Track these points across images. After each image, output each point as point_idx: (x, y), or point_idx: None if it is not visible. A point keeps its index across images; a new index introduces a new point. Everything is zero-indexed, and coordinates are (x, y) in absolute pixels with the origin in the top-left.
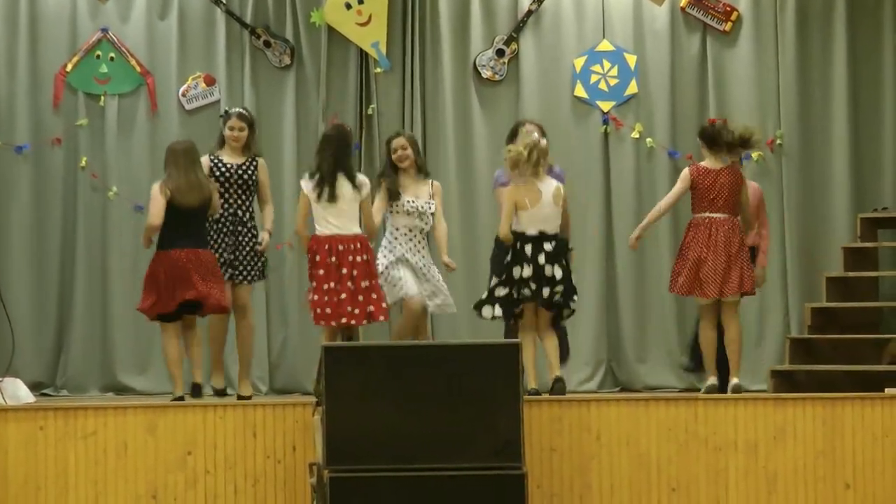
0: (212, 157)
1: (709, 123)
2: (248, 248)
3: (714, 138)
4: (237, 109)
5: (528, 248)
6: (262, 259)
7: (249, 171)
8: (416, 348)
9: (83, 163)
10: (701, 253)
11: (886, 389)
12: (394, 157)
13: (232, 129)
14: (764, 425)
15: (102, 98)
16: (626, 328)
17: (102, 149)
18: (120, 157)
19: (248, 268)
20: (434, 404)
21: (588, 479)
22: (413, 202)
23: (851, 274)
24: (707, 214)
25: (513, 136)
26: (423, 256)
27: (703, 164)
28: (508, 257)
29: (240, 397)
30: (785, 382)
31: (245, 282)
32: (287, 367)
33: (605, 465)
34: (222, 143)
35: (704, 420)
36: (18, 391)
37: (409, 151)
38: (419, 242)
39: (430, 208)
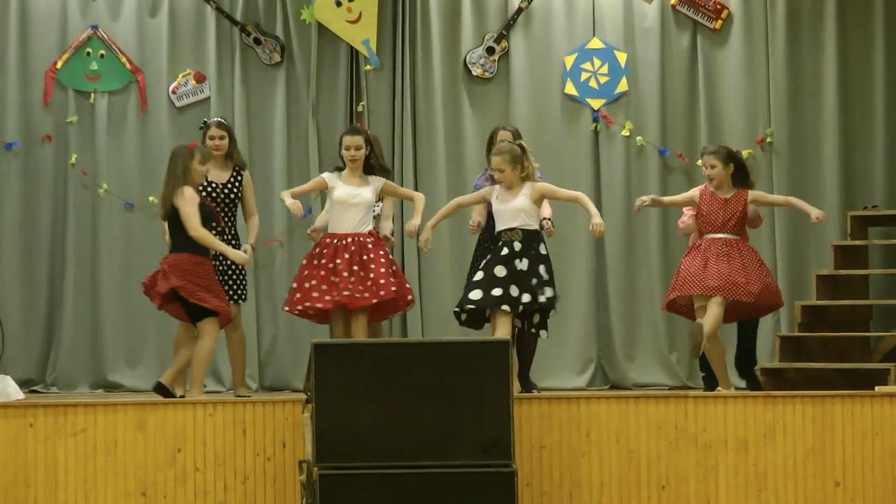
0: None
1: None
2: (235, 268)
3: (741, 167)
4: (216, 119)
5: (500, 242)
6: (244, 279)
7: (236, 189)
8: (406, 346)
9: (73, 160)
10: (695, 260)
11: (876, 387)
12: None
13: (212, 138)
14: (754, 423)
15: (92, 95)
16: (616, 326)
17: (92, 146)
18: (110, 154)
19: (236, 287)
20: (424, 401)
21: (578, 476)
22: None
23: (842, 272)
24: (711, 235)
25: (490, 141)
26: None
27: (713, 189)
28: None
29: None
30: (775, 380)
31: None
32: (277, 365)
33: (595, 463)
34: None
35: (694, 417)
36: (8, 388)
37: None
38: None
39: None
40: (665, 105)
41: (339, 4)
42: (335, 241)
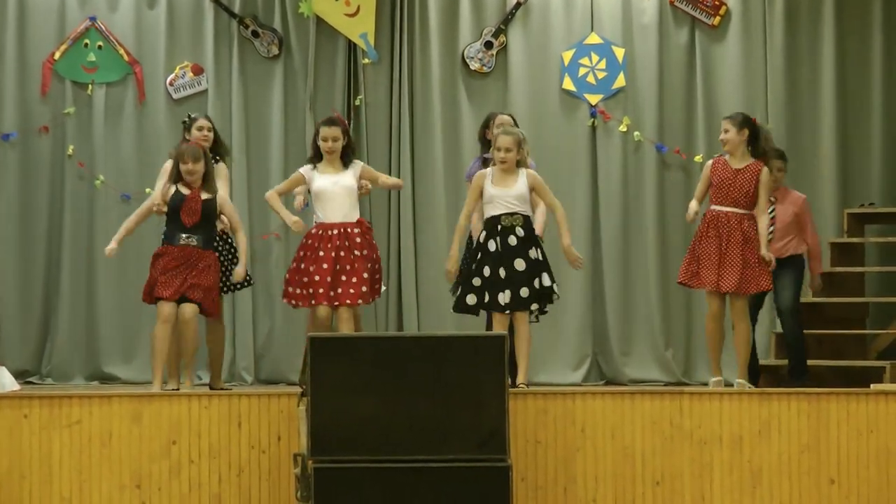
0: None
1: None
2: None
3: (757, 137)
4: (200, 114)
5: (499, 227)
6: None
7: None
8: (402, 340)
9: (70, 151)
10: (707, 246)
11: (872, 385)
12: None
13: (201, 129)
14: (749, 419)
15: (90, 86)
16: (612, 321)
17: (89, 137)
18: (107, 145)
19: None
20: (419, 395)
21: (573, 471)
22: None
23: (838, 269)
24: (719, 208)
25: (485, 126)
26: None
27: (726, 158)
28: (480, 240)
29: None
30: (770, 377)
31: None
32: (272, 358)
33: (590, 458)
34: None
35: (689, 414)
36: (3, 379)
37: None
38: None
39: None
40: (662, 101)
41: None
42: (321, 231)
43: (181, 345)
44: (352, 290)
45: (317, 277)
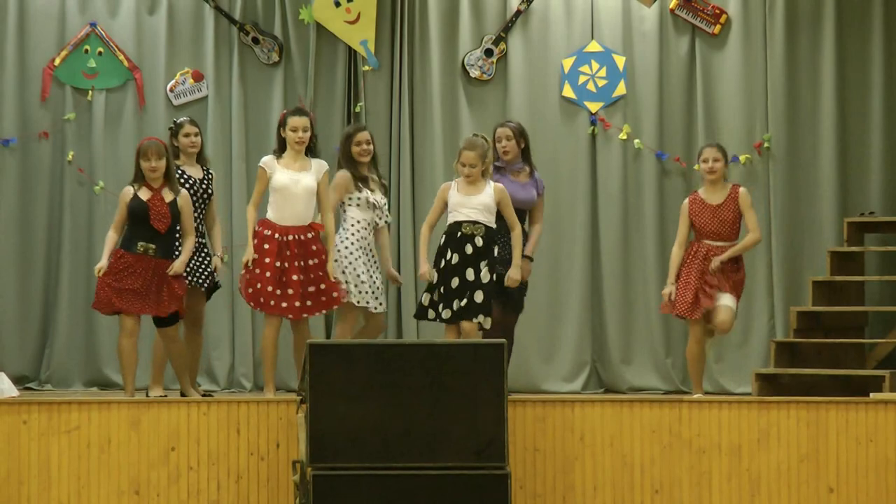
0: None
1: None
2: (200, 254)
3: None
4: (186, 118)
5: (458, 234)
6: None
7: (211, 188)
8: (402, 347)
9: (70, 157)
10: (689, 274)
11: (871, 394)
12: (355, 150)
13: (188, 135)
14: (748, 428)
15: (90, 92)
16: (612, 329)
17: (89, 143)
18: (107, 151)
19: (199, 272)
20: (418, 403)
21: (571, 479)
22: (374, 194)
23: (837, 278)
24: (707, 242)
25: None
26: (374, 254)
27: (702, 195)
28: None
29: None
30: (769, 385)
31: (196, 284)
32: None
33: (589, 466)
34: (176, 152)
35: (688, 422)
36: (2, 385)
37: (372, 147)
38: (371, 236)
39: (385, 203)
40: (663, 109)
41: (337, 5)
42: (276, 234)
43: (173, 362)
44: (323, 298)
45: (290, 291)
